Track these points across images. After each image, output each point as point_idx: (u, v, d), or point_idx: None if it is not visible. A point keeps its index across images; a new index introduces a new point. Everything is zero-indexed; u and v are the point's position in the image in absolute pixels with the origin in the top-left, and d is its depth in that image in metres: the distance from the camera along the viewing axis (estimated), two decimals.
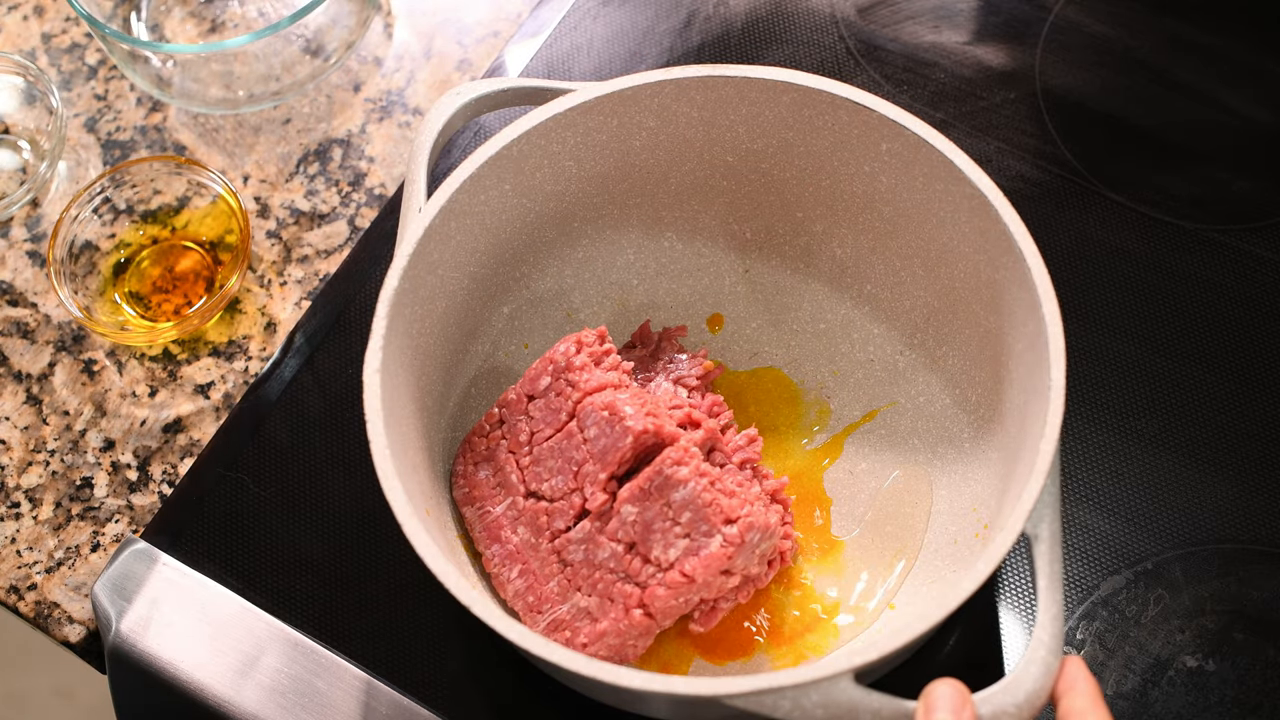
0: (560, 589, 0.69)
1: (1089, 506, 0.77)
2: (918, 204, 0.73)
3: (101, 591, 0.75)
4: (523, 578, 0.70)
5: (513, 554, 0.71)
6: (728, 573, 0.68)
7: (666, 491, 0.67)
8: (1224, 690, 0.72)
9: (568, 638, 0.69)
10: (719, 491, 0.67)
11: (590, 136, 0.75)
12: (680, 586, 0.67)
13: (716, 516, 0.66)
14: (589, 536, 0.69)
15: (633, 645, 0.69)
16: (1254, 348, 0.81)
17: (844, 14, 0.95)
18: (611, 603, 0.68)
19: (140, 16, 0.97)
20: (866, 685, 0.58)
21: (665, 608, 0.67)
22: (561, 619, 0.69)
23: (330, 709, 0.72)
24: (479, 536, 0.72)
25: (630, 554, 0.68)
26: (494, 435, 0.73)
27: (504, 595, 0.71)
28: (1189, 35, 0.93)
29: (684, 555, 0.67)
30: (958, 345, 0.76)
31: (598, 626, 0.68)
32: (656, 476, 0.67)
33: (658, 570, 0.67)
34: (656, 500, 0.67)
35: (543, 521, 0.70)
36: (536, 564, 0.70)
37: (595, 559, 0.69)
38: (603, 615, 0.68)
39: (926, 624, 0.59)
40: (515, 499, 0.72)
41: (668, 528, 0.67)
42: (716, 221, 0.81)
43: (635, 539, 0.68)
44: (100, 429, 0.84)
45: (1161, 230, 0.85)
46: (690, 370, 0.78)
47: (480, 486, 0.73)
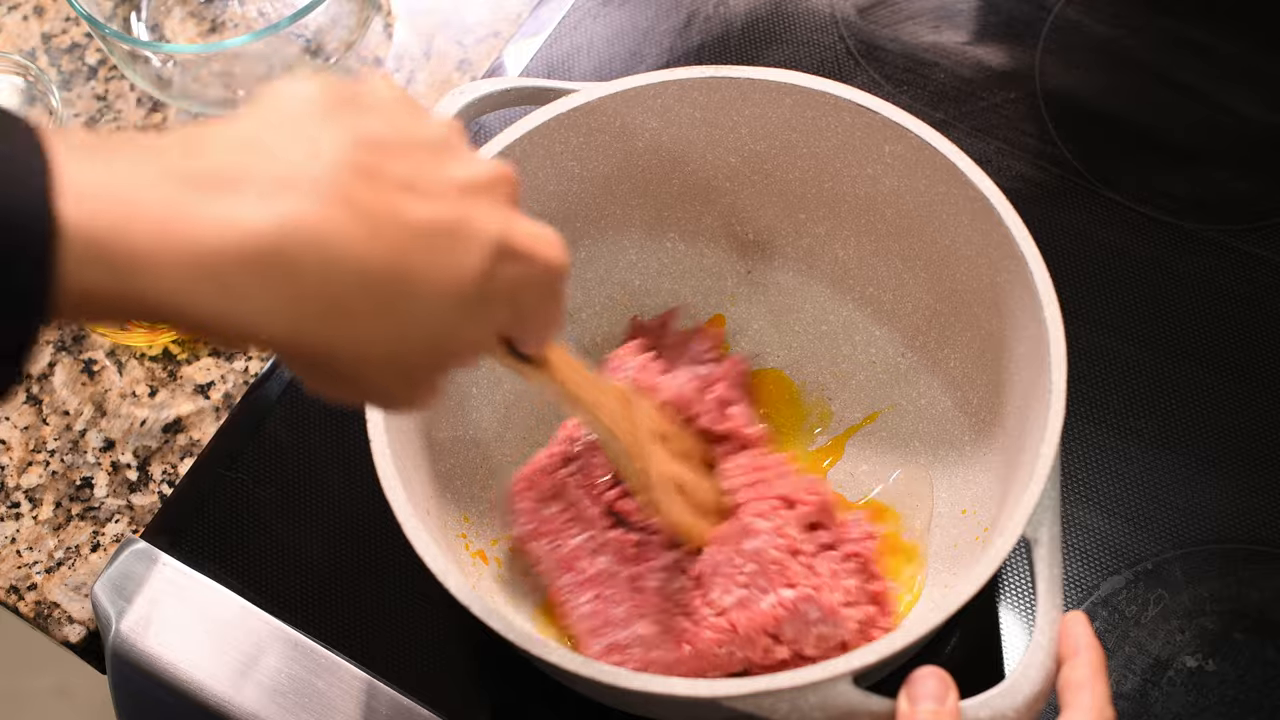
0: (626, 614, 0.69)
1: (1089, 506, 0.77)
2: (920, 206, 0.73)
3: (101, 591, 0.75)
4: (592, 604, 0.70)
5: (586, 582, 0.71)
6: (776, 639, 0.66)
7: (741, 539, 0.67)
8: (1224, 690, 0.72)
9: (619, 660, 0.68)
10: (794, 559, 0.67)
11: (593, 137, 0.75)
12: (723, 634, 0.66)
13: (778, 578, 0.66)
14: (670, 566, 0.69)
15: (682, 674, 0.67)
16: (1254, 348, 0.81)
17: (844, 14, 0.95)
18: (667, 634, 0.68)
19: (140, 16, 0.97)
20: (865, 688, 0.58)
21: (708, 651, 0.67)
22: (619, 642, 0.69)
23: (330, 709, 0.72)
24: (547, 568, 0.72)
25: (696, 590, 0.68)
26: (560, 474, 0.73)
27: (566, 620, 0.71)
28: (1189, 35, 0.93)
29: (736, 605, 0.66)
30: (959, 348, 0.76)
31: (649, 655, 0.68)
32: (737, 522, 0.68)
33: (712, 613, 0.67)
34: (731, 544, 0.67)
35: (631, 552, 0.70)
36: (610, 590, 0.70)
37: (668, 589, 0.69)
38: (658, 645, 0.68)
39: (926, 627, 0.59)
40: (594, 532, 0.71)
41: (731, 574, 0.67)
42: (719, 223, 0.81)
43: (701, 575, 0.68)
44: (100, 429, 0.84)
45: (1161, 230, 0.85)
46: (701, 346, 0.78)
47: (550, 523, 0.72)
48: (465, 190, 0.48)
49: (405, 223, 0.45)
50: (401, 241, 0.45)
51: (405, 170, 0.46)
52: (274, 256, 0.42)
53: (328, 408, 0.82)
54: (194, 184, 0.42)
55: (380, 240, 0.44)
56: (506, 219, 0.49)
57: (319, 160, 0.44)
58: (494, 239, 0.47)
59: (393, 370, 0.48)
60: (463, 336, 0.49)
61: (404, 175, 0.46)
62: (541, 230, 0.51)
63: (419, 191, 0.46)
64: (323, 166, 0.44)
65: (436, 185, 0.47)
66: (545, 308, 0.53)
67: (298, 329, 0.44)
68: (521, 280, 0.49)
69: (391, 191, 0.45)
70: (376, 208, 0.44)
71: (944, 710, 0.56)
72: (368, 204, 0.44)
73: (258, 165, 0.43)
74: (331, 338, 0.45)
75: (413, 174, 0.46)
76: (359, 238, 0.43)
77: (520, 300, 0.51)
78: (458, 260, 0.46)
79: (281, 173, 0.43)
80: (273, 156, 0.44)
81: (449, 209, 0.46)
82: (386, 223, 0.44)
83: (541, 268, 0.50)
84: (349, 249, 0.43)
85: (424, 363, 0.49)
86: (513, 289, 0.49)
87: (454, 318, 0.47)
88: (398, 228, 0.45)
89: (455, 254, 0.46)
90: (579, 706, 0.69)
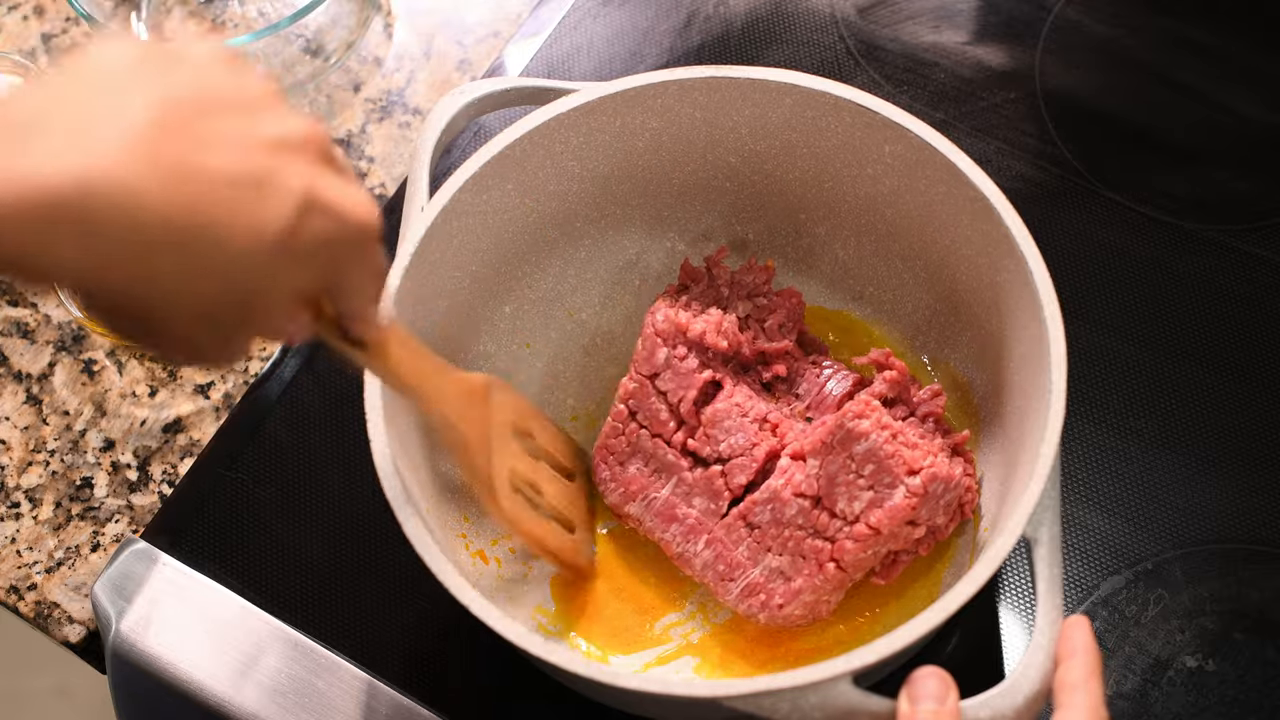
0: (750, 552, 0.70)
1: (1089, 506, 0.77)
2: (920, 207, 0.73)
3: (101, 591, 0.75)
4: (710, 548, 0.71)
5: (694, 528, 0.72)
6: (913, 524, 0.68)
7: (849, 444, 0.68)
8: (1224, 690, 0.72)
9: (763, 600, 0.70)
10: (901, 444, 0.68)
11: (593, 137, 0.75)
12: (868, 539, 0.67)
13: (900, 468, 0.67)
14: (774, 495, 0.69)
15: (826, 601, 0.70)
16: (1254, 348, 0.81)
17: (844, 14, 0.95)
18: (804, 559, 0.69)
19: (140, 16, 0.97)
20: (865, 688, 0.58)
21: (855, 560, 0.68)
22: (755, 583, 0.70)
23: (330, 709, 0.72)
24: (652, 526, 0.73)
25: (817, 509, 0.69)
26: (630, 430, 0.74)
27: (690, 571, 0.72)
28: (1189, 35, 0.93)
29: (869, 507, 0.67)
30: (959, 348, 0.76)
31: (792, 585, 0.69)
32: (839, 430, 0.68)
33: (844, 524, 0.68)
34: (840, 454, 0.68)
35: (719, 484, 0.71)
36: (722, 532, 0.71)
37: (783, 517, 0.69)
38: (796, 573, 0.69)
39: (925, 626, 0.59)
40: (680, 475, 0.72)
41: (851, 480, 0.68)
42: (719, 223, 0.81)
43: (820, 493, 0.69)
44: (100, 429, 0.84)
45: (1161, 230, 0.85)
46: (755, 279, 0.78)
47: (635, 480, 0.74)
48: (274, 146, 0.48)
49: (208, 174, 0.46)
50: (203, 193, 0.46)
51: (213, 125, 0.47)
52: (71, 206, 0.43)
53: (328, 408, 0.82)
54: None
55: (181, 191, 0.45)
56: (315, 175, 0.49)
57: (122, 115, 0.45)
58: (299, 193, 0.48)
59: (197, 322, 0.48)
60: (267, 291, 0.49)
61: (211, 130, 0.47)
62: (353, 190, 0.51)
63: (225, 145, 0.47)
64: (125, 121, 0.45)
65: (244, 140, 0.48)
66: (360, 275, 0.54)
67: (98, 277, 0.45)
68: (330, 238, 0.50)
69: (196, 145, 0.46)
70: (178, 160, 0.45)
71: (944, 710, 0.56)
72: (169, 156, 0.45)
73: (61, 118, 0.45)
74: (133, 287, 0.46)
75: (220, 129, 0.47)
76: (158, 189, 0.45)
77: (332, 264, 0.52)
78: (261, 212, 0.47)
79: (83, 126, 0.44)
80: (76, 111, 0.45)
81: (255, 162, 0.47)
82: (188, 175, 0.45)
83: (352, 226, 0.51)
84: (148, 200, 0.44)
85: (228, 316, 0.49)
86: (321, 247, 0.50)
87: (257, 269, 0.48)
88: (200, 179, 0.46)
89: (259, 206, 0.47)
90: (579, 706, 0.69)
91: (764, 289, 0.77)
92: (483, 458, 0.68)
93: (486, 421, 0.68)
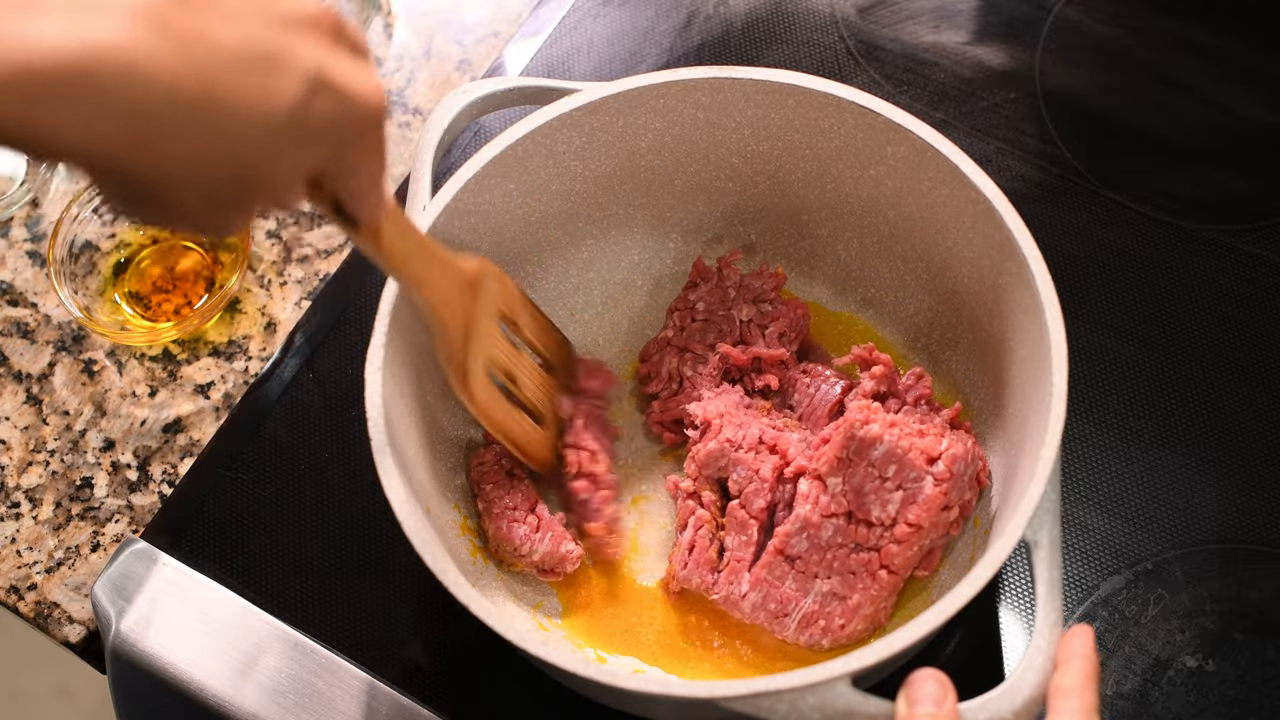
0: (798, 584, 0.70)
1: (1089, 506, 0.77)
2: (922, 208, 0.73)
3: (101, 591, 0.75)
4: (755, 590, 0.71)
5: (735, 568, 0.72)
6: (947, 508, 0.68)
7: (866, 452, 0.68)
8: (1224, 690, 0.72)
9: (824, 626, 0.70)
10: (911, 436, 0.68)
11: (595, 137, 0.75)
12: (911, 537, 0.68)
13: (920, 460, 0.67)
14: (805, 523, 0.70)
15: (884, 608, 0.70)
16: (1254, 348, 0.81)
17: (844, 14, 0.95)
18: (854, 575, 0.69)
19: None
20: (864, 689, 0.58)
21: (905, 561, 0.69)
22: (810, 612, 0.70)
23: (330, 709, 0.72)
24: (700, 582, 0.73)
25: (852, 523, 0.69)
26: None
27: (740, 615, 0.72)
28: (1189, 35, 0.93)
29: (903, 506, 0.68)
30: (960, 349, 0.76)
31: (850, 602, 0.69)
32: (850, 442, 0.68)
33: (884, 529, 0.68)
34: (859, 464, 0.68)
35: (741, 515, 0.72)
36: (764, 572, 0.71)
37: (820, 541, 0.70)
38: (850, 590, 0.69)
39: (925, 629, 0.59)
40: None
41: (878, 486, 0.68)
42: (721, 223, 0.81)
43: (851, 507, 0.69)
44: (100, 429, 0.84)
45: (1161, 230, 0.85)
46: (764, 284, 0.78)
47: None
48: (287, 22, 0.48)
49: (218, 46, 0.46)
50: (212, 64, 0.46)
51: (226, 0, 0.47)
52: (78, 74, 0.43)
53: (328, 408, 0.82)
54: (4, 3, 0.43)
55: (190, 62, 0.45)
56: (327, 54, 0.49)
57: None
58: (309, 69, 0.48)
59: (200, 194, 0.48)
60: (273, 167, 0.49)
61: (224, 4, 0.47)
62: (363, 71, 0.51)
63: (238, 20, 0.47)
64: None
65: (257, 16, 0.48)
66: (363, 156, 0.54)
67: (103, 146, 0.45)
68: (338, 117, 0.50)
69: (208, 18, 0.46)
70: (189, 31, 0.45)
71: (942, 713, 0.56)
72: (180, 27, 0.45)
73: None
74: (138, 157, 0.46)
75: (234, 4, 0.47)
76: (167, 59, 0.44)
77: (338, 144, 0.51)
78: (270, 87, 0.47)
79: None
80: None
81: (266, 37, 0.47)
82: (198, 46, 0.45)
83: (360, 107, 0.51)
84: (156, 70, 0.44)
85: (232, 190, 0.49)
86: (328, 126, 0.50)
87: (264, 145, 0.48)
88: (210, 51, 0.46)
89: (268, 80, 0.47)
90: (579, 706, 0.70)
91: (770, 295, 0.77)
92: (459, 344, 0.68)
93: (471, 309, 0.68)
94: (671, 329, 0.79)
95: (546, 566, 0.73)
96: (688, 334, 0.78)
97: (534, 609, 0.73)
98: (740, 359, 0.76)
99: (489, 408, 0.71)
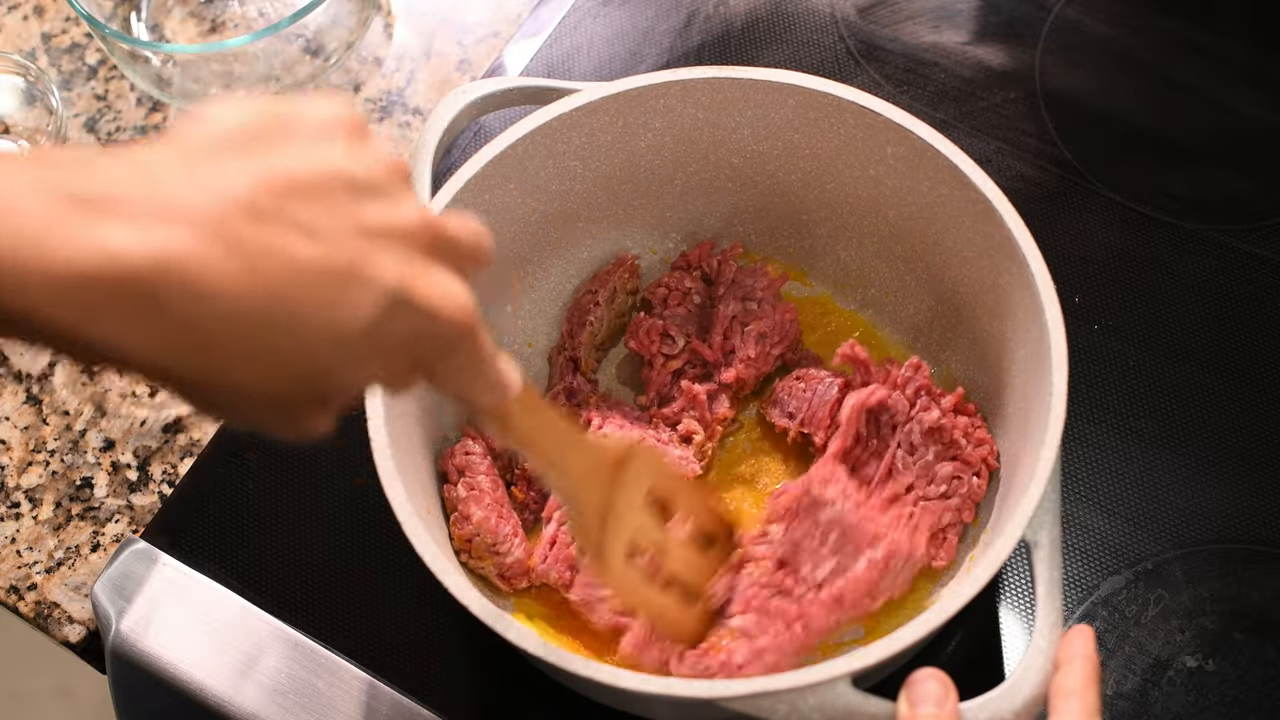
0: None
1: (1089, 506, 0.77)
2: (922, 208, 0.73)
3: (101, 591, 0.75)
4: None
5: None
6: (872, 596, 0.67)
7: (815, 511, 0.67)
8: (1224, 690, 0.72)
9: (723, 661, 0.67)
10: (864, 511, 0.67)
11: (595, 137, 0.75)
12: (831, 607, 0.66)
13: (863, 537, 0.66)
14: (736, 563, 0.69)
15: (788, 664, 0.67)
16: (1254, 348, 0.81)
17: (844, 14, 0.95)
18: (769, 618, 0.67)
19: (140, 16, 0.97)
20: (864, 689, 0.58)
21: (821, 627, 0.67)
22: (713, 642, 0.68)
23: (330, 709, 0.72)
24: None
25: (780, 570, 0.68)
26: None
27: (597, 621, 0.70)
28: (1189, 35, 0.93)
29: (832, 575, 0.67)
30: (960, 350, 0.75)
31: (756, 644, 0.66)
32: (805, 497, 0.68)
33: (808, 589, 0.67)
34: (805, 520, 0.68)
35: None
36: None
37: (746, 578, 0.69)
38: (760, 632, 0.67)
39: (925, 628, 0.59)
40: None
41: (816, 547, 0.67)
42: (721, 223, 0.81)
43: (784, 557, 0.68)
44: (100, 429, 0.84)
45: (1162, 230, 0.85)
46: (756, 282, 0.78)
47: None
48: (372, 233, 0.46)
49: (290, 261, 0.44)
50: (281, 280, 0.43)
51: (310, 209, 0.45)
52: (139, 285, 0.41)
53: None
54: (73, 201, 0.41)
55: (257, 277, 0.43)
56: (410, 269, 0.47)
57: (207, 194, 0.43)
58: (388, 288, 0.46)
59: (269, 406, 0.47)
60: (345, 380, 0.47)
61: (307, 213, 0.45)
62: (450, 286, 0.48)
63: (315, 232, 0.44)
64: (209, 201, 0.43)
65: (342, 226, 0.45)
66: (456, 365, 0.51)
67: (162, 359, 0.43)
68: (418, 335, 0.48)
69: (282, 230, 0.44)
70: (261, 245, 0.43)
71: (943, 714, 0.56)
72: (250, 242, 0.43)
73: (143, 193, 0.42)
74: (200, 370, 0.44)
75: (318, 213, 0.45)
76: (233, 275, 0.42)
77: (420, 357, 0.49)
78: (343, 303, 0.45)
79: (164, 203, 0.42)
80: (161, 186, 0.43)
81: (345, 251, 0.45)
82: (268, 261, 0.43)
83: (444, 324, 0.48)
84: (220, 285, 0.42)
85: (302, 401, 0.47)
86: (408, 342, 0.48)
87: (334, 361, 0.46)
88: (280, 266, 0.43)
89: (341, 297, 0.45)
90: (579, 706, 0.69)
91: (759, 294, 0.77)
92: (595, 526, 0.65)
93: (612, 491, 0.65)
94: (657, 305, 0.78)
95: (509, 574, 0.72)
96: (669, 317, 0.78)
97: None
98: (711, 356, 0.76)
99: (626, 589, 0.67)
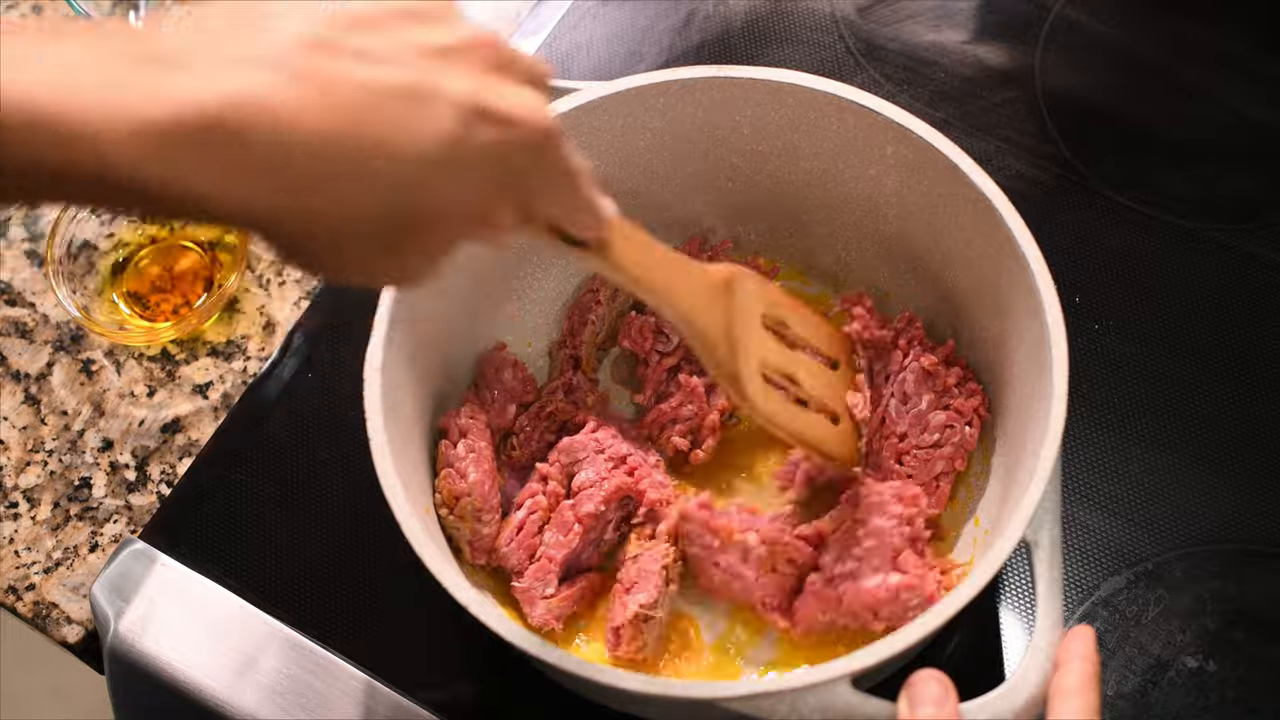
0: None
1: (1089, 507, 0.77)
2: (922, 208, 0.73)
3: (100, 592, 0.75)
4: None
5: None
6: (875, 615, 0.67)
7: (868, 514, 0.67)
8: (1224, 690, 0.72)
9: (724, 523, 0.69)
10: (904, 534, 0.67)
11: (595, 136, 0.75)
12: (828, 603, 0.67)
13: (889, 556, 0.66)
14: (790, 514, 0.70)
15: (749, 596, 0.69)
16: (1254, 348, 0.81)
17: (844, 14, 0.95)
18: (774, 572, 0.69)
19: (139, 16, 0.96)
20: (864, 690, 0.58)
21: (807, 617, 0.68)
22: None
23: (329, 709, 0.72)
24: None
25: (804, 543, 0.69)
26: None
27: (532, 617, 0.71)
28: (1189, 35, 0.93)
29: (845, 576, 0.67)
30: (960, 349, 0.75)
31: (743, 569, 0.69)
32: (871, 494, 0.68)
33: (821, 578, 0.68)
34: (848, 515, 0.68)
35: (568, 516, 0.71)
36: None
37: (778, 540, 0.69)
38: (756, 570, 0.68)
39: (925, 629, 0.59)
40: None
41: (849, 543, 0.67)
42: (721, 223, 0.81)
43: (824, 534, 0.69)
44: (99, 429, 0.84)
45: (1161, 230, 0.85)
46: None
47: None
48: (434, 54, 0.47)
49: (362, 86, 0.45)
50: (357, 105, 0.44)
51: (371, 38, 0.46)
52: (218, 127, 0.42)
53: (327, 408, 0.82)
54: (142, 61, 0.43)
55: (333, 105, 0.44)
56: (480, 82, 0.47)
57: (270, 39, 0.44)
58: (461, 101, 0.46)
59: (366, 242, 0.47)
60: (439, 204, 0.47)
61: (366, 43, 0.46)
62: (523, 95, 0.49)
63: (380, 57, 0.46)
64: (273, 41, 0.44)
65: (404, 51, 0.46)
66: (547, 180, 0.51)
67: (252, 202, 0.44)
68: (504, 145, 0.48)
69: (348, 59, 0.45)
70: (329, 75, 0.44)
71: (943, 714, 0.56)
72: (320, 72, 0.44)
73: (209, 47, 0.44)
74: (291, 210, 0.45)
75: (376, 41, 0.46)
76: (309, 105, 0.43)
77: (510, 173, 0.49)
78: (421, 121, 0.46)
79: (232, 52, 0.44)
80: (223, 39, 0.44)
81: (414, 72, 0.46)
82: (341, 88, 0.44)
83: (525, 130, 0.48)
84: (298, 117, 0.43)
85: (399, 233, 0.47)
86: (493, 154, 0.48)
87: (422, 182, 0.46)
88: (354, 92, 0.44)
89: (418, 114, 0.46)
90: (579, 706, 0.69)
91: None
92: (726, 352, 0.64)
93: (730, 315, 0.64)
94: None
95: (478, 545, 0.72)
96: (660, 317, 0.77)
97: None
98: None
99: (775, 412, 0.66)
